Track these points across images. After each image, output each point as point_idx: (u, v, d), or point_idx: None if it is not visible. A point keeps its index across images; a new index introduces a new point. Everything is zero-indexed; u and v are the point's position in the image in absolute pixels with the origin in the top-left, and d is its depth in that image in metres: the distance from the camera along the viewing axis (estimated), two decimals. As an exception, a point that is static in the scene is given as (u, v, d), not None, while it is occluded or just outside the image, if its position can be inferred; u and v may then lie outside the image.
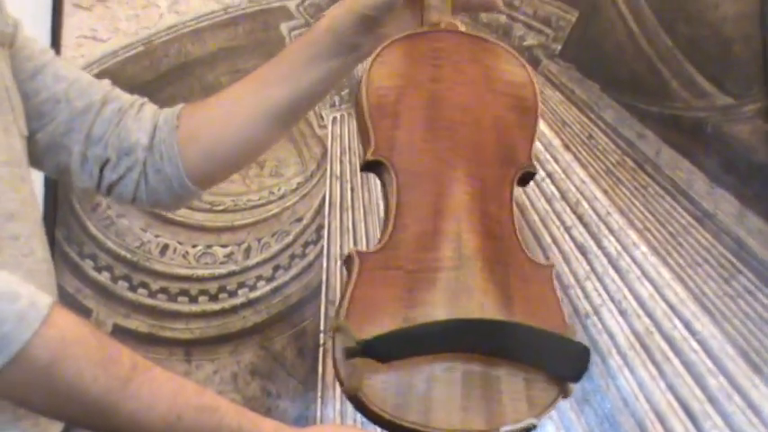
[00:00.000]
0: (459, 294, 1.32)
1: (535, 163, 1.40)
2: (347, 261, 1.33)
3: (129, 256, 2.29)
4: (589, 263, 2.21)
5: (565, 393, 1.33)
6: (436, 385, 1.29)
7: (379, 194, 2.17)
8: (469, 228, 1.35)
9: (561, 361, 1.34)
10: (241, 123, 1.56)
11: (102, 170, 1.55)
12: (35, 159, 1.46)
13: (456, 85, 1.41)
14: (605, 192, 2.25)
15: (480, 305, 1.32)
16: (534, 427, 1.30)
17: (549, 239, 2.23)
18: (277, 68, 1.57)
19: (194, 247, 2.29)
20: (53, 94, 1.51)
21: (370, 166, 1.38)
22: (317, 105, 1.86)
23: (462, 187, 1.36)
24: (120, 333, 2.23)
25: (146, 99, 1.61)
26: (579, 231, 2.23)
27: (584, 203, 2.24)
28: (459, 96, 1.40)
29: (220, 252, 2.29)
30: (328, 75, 1.53)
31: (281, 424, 1.27)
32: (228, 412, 1.23)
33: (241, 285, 2.28)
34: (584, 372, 1.34)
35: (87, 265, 2.29)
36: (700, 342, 2.16)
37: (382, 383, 1.27)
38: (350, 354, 1.26)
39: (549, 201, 2.25)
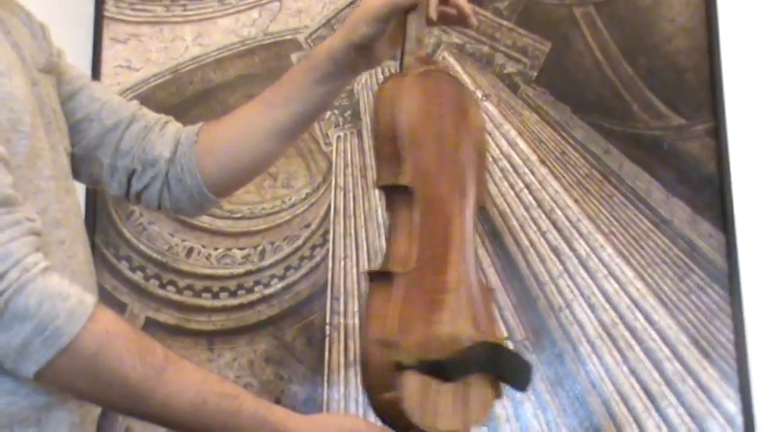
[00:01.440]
0: (457, 315, 1.36)
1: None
2: (380, 276, 1.34)
3: (159, 257, 2.33)
4: (562, 263, 2.24)
5: (499, 395, 1.41)
6: (442, 396, 1.33)
7: (378, 203, 2.25)
8: (461, 253, 1.39)
9: (521, 377, 1.41)
10: (251, 138, 1.58)
11: (129, 180, 1.58)
12: (72, 171, 1.47)
13: (452, 124, 1.42)
14: (576, 201, 2.26)
15: (465, 327, 1.36)
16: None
17: (527, 242, 2.25)
18: (281, 91, 1.58)
19: (216, 249, 2.33)
20: (87, 114, 1.54)
21: (392, 188, 1.37)
22: (317, 121, 1.82)
23: (460, 216, 1.39)
24: (151, 325, 2.27)
25: (170, 118, 1.64)
26: (553, 235, 2.25)
27: (558, 211, 2.26)
28: (454, 134, 1.42)
29: (239, 254, 2.32)
30: (327, 94, 1.56)
31: (290, 411, 1.31)
32: (247, 399, 1.28)
33: (257, 283, 2.31)
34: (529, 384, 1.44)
35: (123, 266, 2.32)
36: (658, 332, 2.18)
37: (410, 393, 1.31)
38: (400, 368, 1.29)
39: (527, 208, 2.26)
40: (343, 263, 2.30)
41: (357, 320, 2.24)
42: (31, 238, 1.22)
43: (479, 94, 2.32)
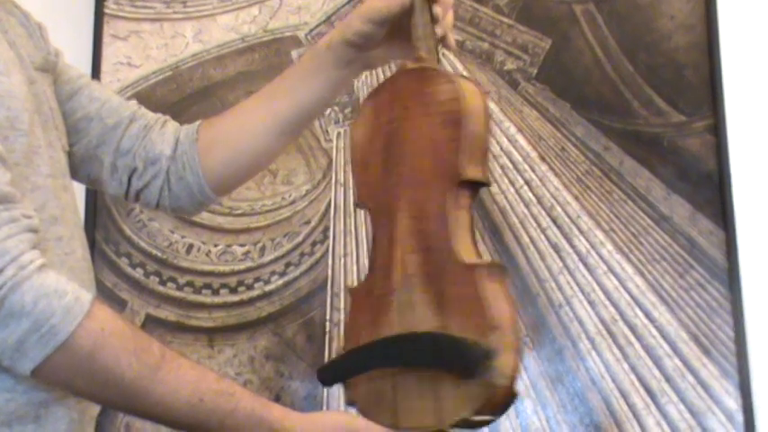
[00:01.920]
0: (405, 311, 1.33)
1: (471, 170, 1.35)
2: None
3: (159, 254, 2.34)
4: (562, 259, 2.23)
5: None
6: (402, 393, 1.32)
7: None
8: (410, 249, 1.35)
9: (454, 361, 1.29)
10: (253, 134, 1.58)
11: (130, 178, 1.58)
12: (71, 170, 1.48)
13: (403, 121, 1.40)
14: (576, 197, 2.26)
15: (423, 317, 1.32)
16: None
17: (527, 239, 2.24)
18: (282, 83, 1.60)
19: (216, 246, 2.33)
20: (87, 113, 1.55)
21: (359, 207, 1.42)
22: (318, 117, 1.82)
23: (404, 214, 1.36)
24: (151, 322, 2.27)
25: (168, 117, 1.64)
26: (553, 232, 2.25)
27: (558, 208, 2.26)
28: (404, 131, 1.40)
29: (239, 250, 2.33)
30: (327, 84, 1.56)
31: (287, 409, 1.31)
32: (244, 397, 1.28)
33: (257, 280, 2.32)
34: (473, 369, 1.26)
35: (123, 263, 2.34)
36: (658, 328, 2.17)
37: (361, 395, 1.35)
38: (322, 373, 1.40)
39: (527, 205, 2.26)
40: (343, 260, 2.30)
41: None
42: (28, 235, 1.23)
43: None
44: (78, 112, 1.54)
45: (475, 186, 1.38)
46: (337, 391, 2.20)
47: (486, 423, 1.34)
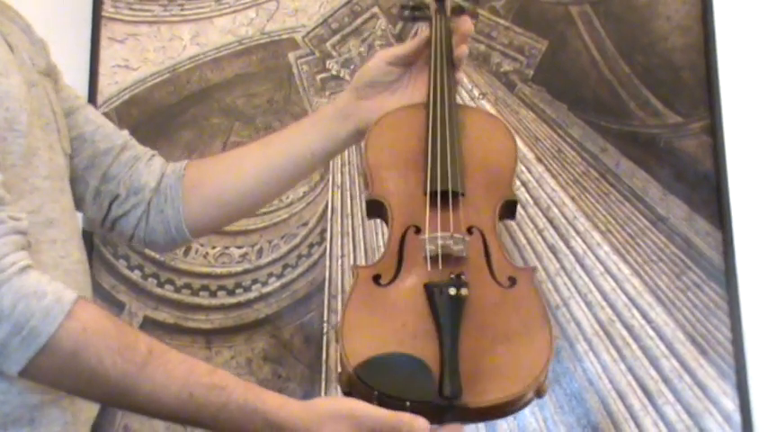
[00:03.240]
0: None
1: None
2: None
3: (156, 256, 2.30)
4: (559, 261, 2.23)
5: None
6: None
7: None
8: None
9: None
10: (240, 176, 1.62)
11: (110, 204, 1.60)
12: None
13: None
14: (573, 198, 2.26)
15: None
16: None
17: (524, 240, 2.24)
18: (280, 133, 1.66)
19: (213, 248, 2.31)
20: (81, 134, 1.56)
21: None
22: (307, 174, 1.83)
23: None
24: (149, 324, 2.26)
25: (156, 152, 1.66)
26: (550, 233, 2.24)
27: (555, 209, 2.26)
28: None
29: (236, 252, 2.30)
30: (321, 137, 1.61)
31: (286, 397, 1.28)
32: (237, 389, 1.25)
33: (254, 282, 2.30)
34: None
35: (121, 265, 2.31)
36: (655, 329, 2.18)
37: None
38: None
39: (523, 207, 2.24)
40: (340, 261, 2.29)
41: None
42: (14, 237, 1.22)
43: (476, 92, 2.32)
44: (73, 131, 1.55)
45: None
46: (335, 391, 2.19)
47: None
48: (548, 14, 2.36)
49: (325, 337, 2.26)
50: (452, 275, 1.36)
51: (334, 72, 2.38)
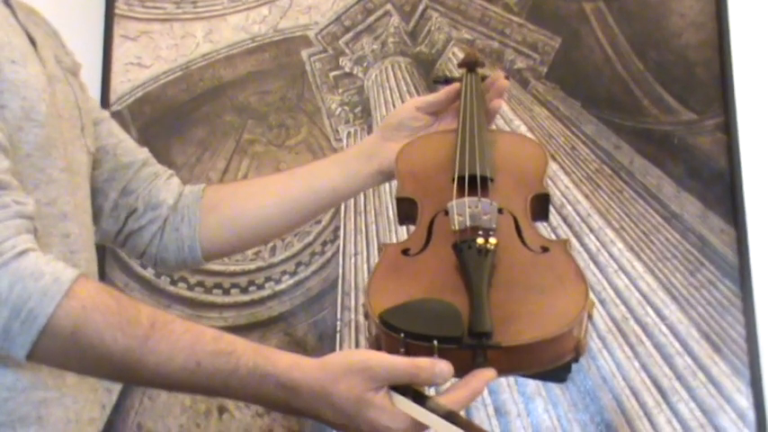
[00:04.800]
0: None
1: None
2: None
3: None
4: None
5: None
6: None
7: (388, 199, 2.27)
8: None
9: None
10: (260, 205, 1.61)
11: (127, 218, 1.59)
12: None
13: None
14: (586, 196, 2.26)
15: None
16: None
17: None
18: (305, 166, 1.67)
19: None
20: (104, 146, 1.56)
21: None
22: (326, 210, 1.85)
23: None
24: None
25: (174, 172, 1.66)
26: (564, 230, 2.24)
27: (568, 206, 2.26)
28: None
29: (249, 250, 2.28)
30: (344, 174, 1.61)
31: (297, 356, 1.22)
32: (246, 353, 1.20)
33: (268, 279, 2.31)
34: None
35: (134, 263, 2.32)
36: (668, 326, 2.18)
37: None
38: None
39: None
40: (353, 259, 2.30)
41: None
42: (17, 221, 1.20)
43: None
44: (96, 142, 1.54)
45: None
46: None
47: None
48: (561, 11, 2.36)
49: (338, 335, 2.26)
50: (480, 232, 1.32)
51: (347, 69, 2.38)
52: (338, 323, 2.27)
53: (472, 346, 1.19)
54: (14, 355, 1.19)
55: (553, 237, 2.22)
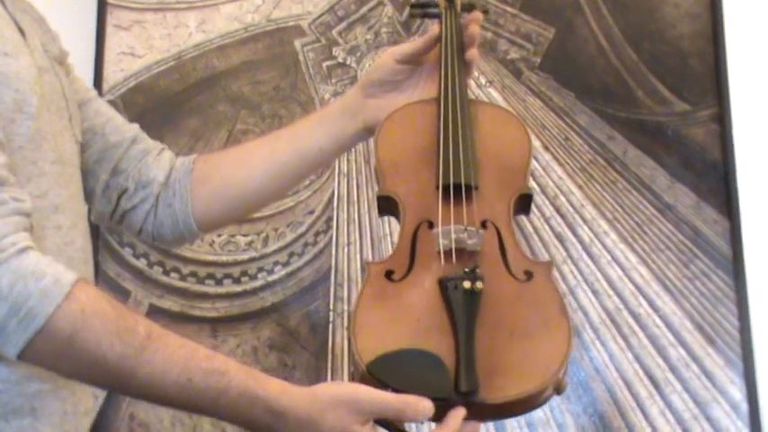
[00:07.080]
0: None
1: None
2: None
3: None
4: (566, 249, 2.22)
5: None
6: None
7: None
8: None
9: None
10: (248, 171, 1.60)
11: (119, 198, 1.59)
12: None
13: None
14: (580, 186, 2.26)
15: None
16: None
17: (530, 228, 2.23)
18: (288, 129, 1.66)
19: (219, 236, 2.30)
20: (92, 126, 1.55)
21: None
22: (314, 171, 1.85)
23: None
24: (154, 312, 2.26)
25: (165, 146, 1.65)
26: (557, 221, 2.24)
27: (562, 197, 2.26)
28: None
29: (242, 241, 2.30)
30: (329, 133, 1.60)
31: (287, 384, 1.25)
32: (237, 375, 1.22)
33: (260, 270, 2.30)
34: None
35: (127, 253, 2.31)
36: (662, 318, 2.18)
37: None
38: None
39: None
40: (346, 249, 2.29)
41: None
42: (16, 218, 1.20)
43: (483, 80, 2.31)
44: (84, 123, 1.53)
45: None
46: (341, 380, 2.18)
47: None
48: (555, 2, 2.36)
49: (331, 326, 2.26)
50: (466, 270, 1.33)
51: (340, 59, 2.37)
52: (331, 313, 2.26)
53: (459, 403, 1.24)
54: (6, 353, 1.19)
55: (546, 228, 2.24)
